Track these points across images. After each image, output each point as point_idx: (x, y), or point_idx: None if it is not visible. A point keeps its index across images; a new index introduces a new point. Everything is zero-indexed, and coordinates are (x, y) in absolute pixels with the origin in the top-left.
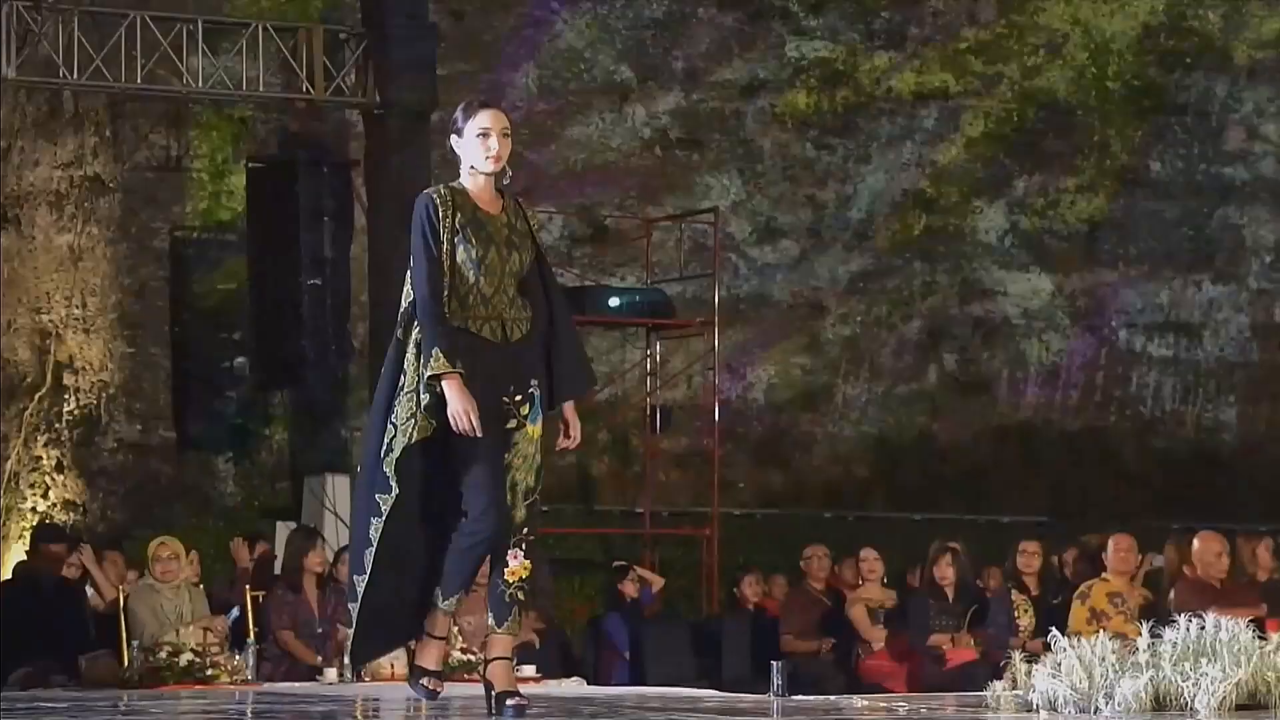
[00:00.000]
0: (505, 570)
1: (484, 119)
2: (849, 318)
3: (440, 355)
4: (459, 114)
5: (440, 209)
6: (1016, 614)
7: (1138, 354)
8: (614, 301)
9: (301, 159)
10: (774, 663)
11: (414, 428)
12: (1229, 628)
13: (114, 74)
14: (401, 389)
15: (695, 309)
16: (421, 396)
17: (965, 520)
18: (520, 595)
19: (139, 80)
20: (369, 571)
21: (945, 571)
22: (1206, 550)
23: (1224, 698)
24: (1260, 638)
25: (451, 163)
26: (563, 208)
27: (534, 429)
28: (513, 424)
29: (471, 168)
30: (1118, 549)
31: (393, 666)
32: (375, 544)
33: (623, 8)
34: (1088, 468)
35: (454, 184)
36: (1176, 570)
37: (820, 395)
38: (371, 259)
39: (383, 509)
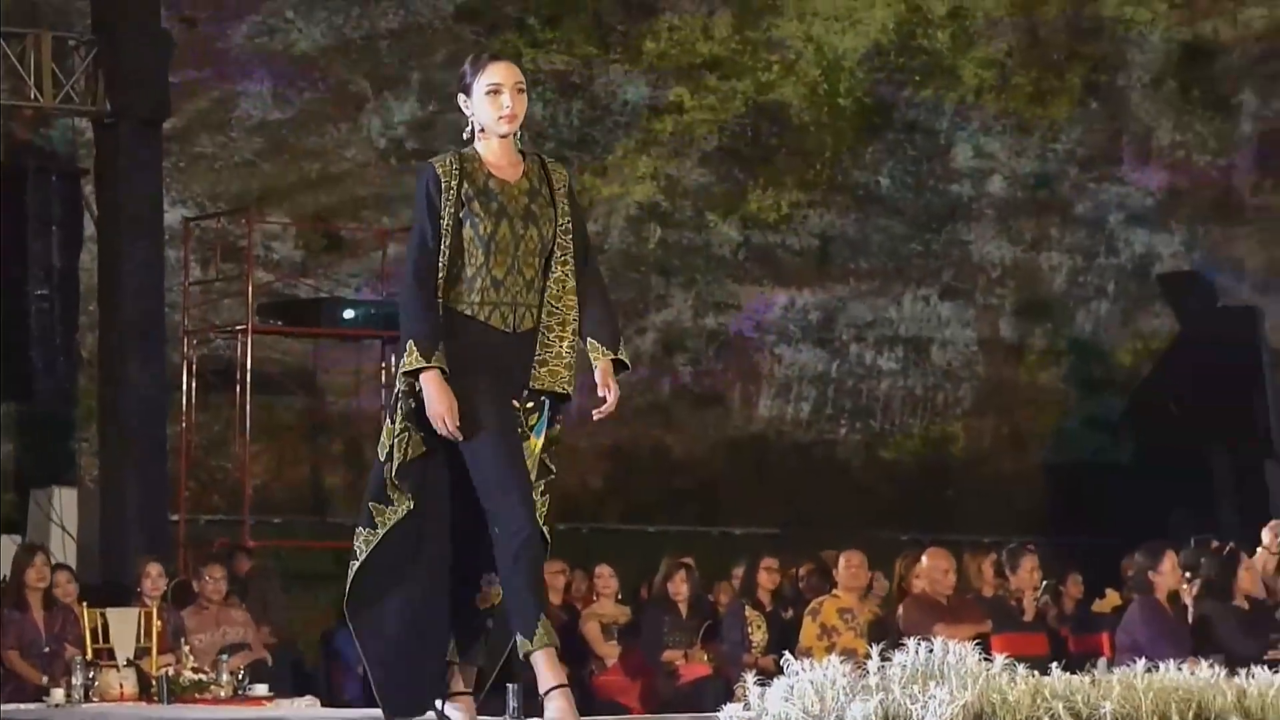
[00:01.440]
0: (477, 597)
1: (494, 73)
2: None
3: (415, 348)
4: (466, 69)
5: (444, 180)
6: (750, 629)
7: (868, 367)
8: (349, 314)
9: (30, 167)
10: (509, 685)
11: (407, 442)
12: (956, 650)
13: None
14: (398, 391)
15: None
16: (403, 403)
17: (699, 532)
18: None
19: None
20: (359, 592)
21: (678, 587)
22: (934, 567)
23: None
24: (986, 658)
25: (184, 171)
26: (297, 219)
27: (535, 441)
28: (518, 432)
29: (483, 130)
30: (849, 565)
31: (121, 686)
32: (362, 559)
33: (358, 17)
34: (819, 480)
35: (465, 149)
36: (904, 585)
37: None
38: (101, 268)
39: (376, 522)
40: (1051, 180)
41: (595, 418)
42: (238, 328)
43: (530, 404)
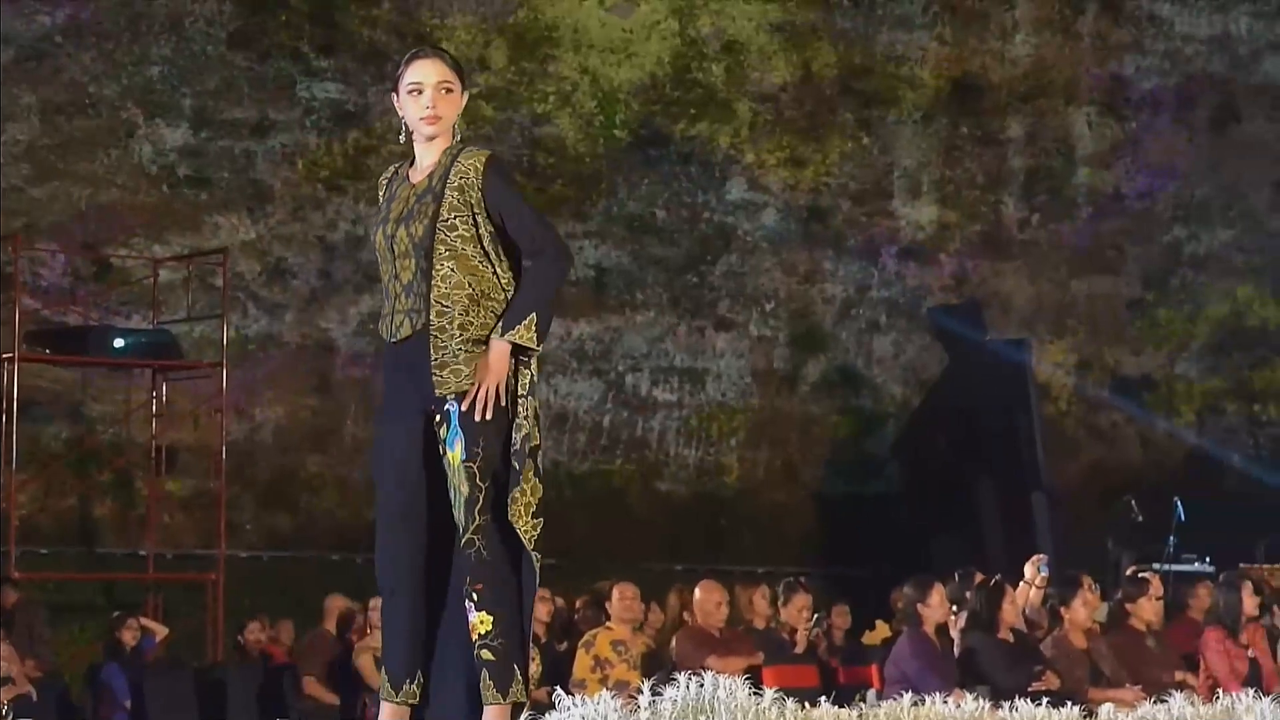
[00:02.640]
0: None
1: (416, 71)
2: (360, 358)
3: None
4: (400, 68)
5: (380, 191)
6: None
7: (644, 398)
8: (119, 342)
9: None
10: None
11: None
12: (727, 685)
13: None
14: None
15: (204, 349)
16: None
17: None
18: (486, 655)
19: None
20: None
21: None
22: (707, 600)
23: None
24: (756, 691)
25: None
26: (66, 245)
27: (452, 454)
28: (439, 450)
29: (413, 131)
30: (622, 596)
31: None
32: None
33: (129, 43)
34: (595, 511)
35: (406, 159)
36: (678, 617)
37: (329, 436)
38: None
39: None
40: (825, 213)
41: (463, 407)
42: (4, 355)
43: (438, 417)
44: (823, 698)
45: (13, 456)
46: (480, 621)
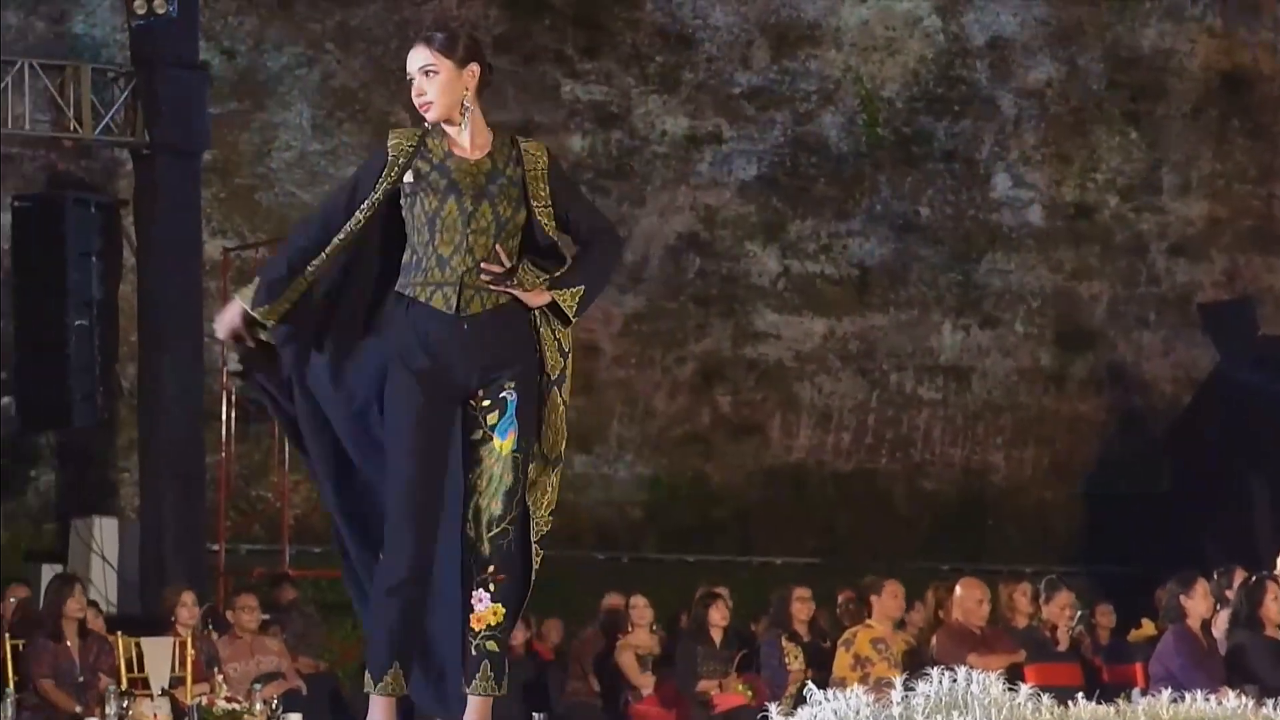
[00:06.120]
0: (471, 617)
1: (408, 62)
2: (623, 359)
3: (249, 291)
4: None
5: (392, 152)
6: (787, 659)
7: (908, 397)
8: None
9: (69, 197)
10: (535, 714)
11: None
12: (980, 680)
13: None
14: None
15: None
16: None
17: (738, 562)
18: (492, 646)
19: None
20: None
21: (711, 617)
22: (968, 597)
23: None
24: (1012, 688)
25: (224, 202)
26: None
27: (501, 444)
28: (477, 434)
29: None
30: (892, 594)
31: (155, 716)
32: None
33: (396, 50)
34: (858, 510)
35: (437, 124)
36: (935, 615)
37: (593, 436)
38: (140, 299)
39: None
40: (1091, 210)
41: (485, 278)
42: None
43: (486, 401)
44: (1081, 695)
45: (284, 458)
46: (493, 612)
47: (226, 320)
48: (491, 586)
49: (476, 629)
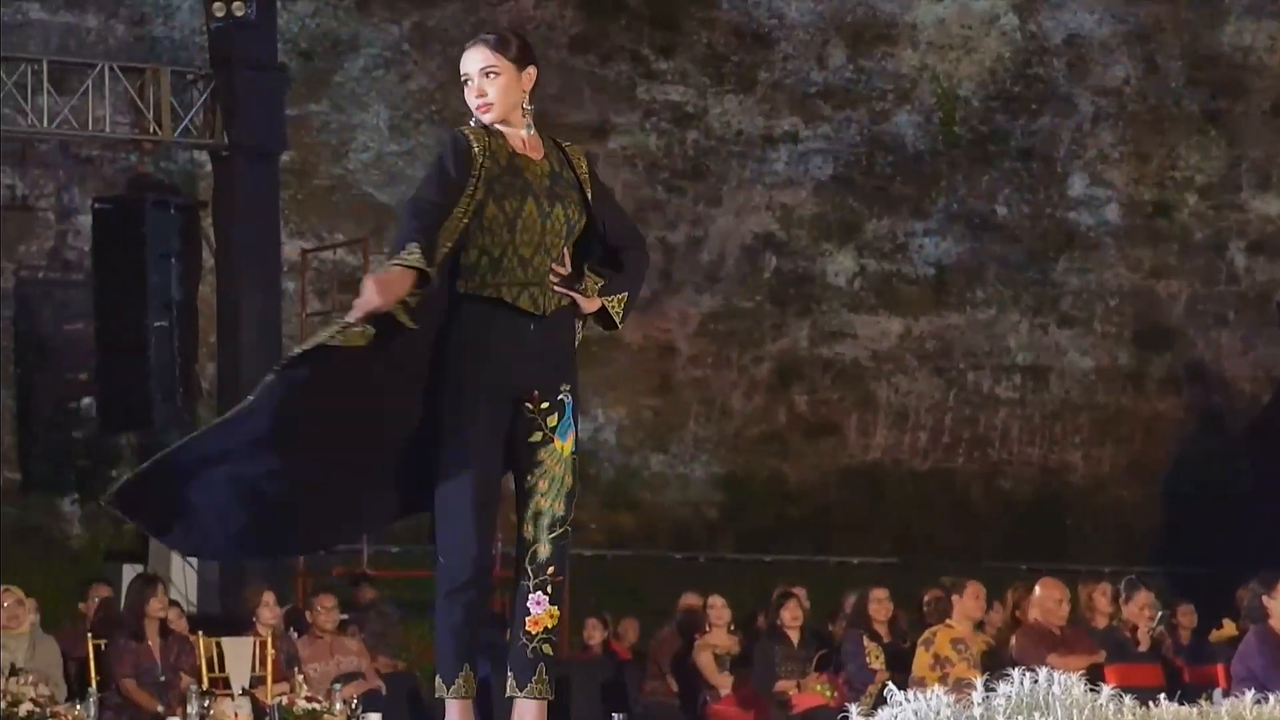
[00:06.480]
0: (527, 620)
1: (463, 64)
2: (700, 359)
3: (415, 250)
4: None
5: (475, 147)
6: (869, 658)
7: (985, 396)
8: None
9: (149, 199)
10: (614, 715)
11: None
12: (1061, 681)
13: None
14: None
15: None
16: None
17: (814, 562)
18: (547, 649)
19: None
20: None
21: (788, 617)
22: (1047, 597)
23: None
24: (1093, 688)
25: (302, 203)
26: None
27: (563, 445)
28: (537, 436)
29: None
30: (974, 595)
31: (236, 715)
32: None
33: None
34: (935, 509)
35: (493, 125)
36: (1014, 616)
37: (670, 436)
38: (219, 300)
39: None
40: (1170, 208)
41: (554, 279)
42: None
43: (545, 403)
44: (1163, 695)
45: None
46: (549, 615)
47: (393, 287)
48: (550, 589)
49: (533, 631)
